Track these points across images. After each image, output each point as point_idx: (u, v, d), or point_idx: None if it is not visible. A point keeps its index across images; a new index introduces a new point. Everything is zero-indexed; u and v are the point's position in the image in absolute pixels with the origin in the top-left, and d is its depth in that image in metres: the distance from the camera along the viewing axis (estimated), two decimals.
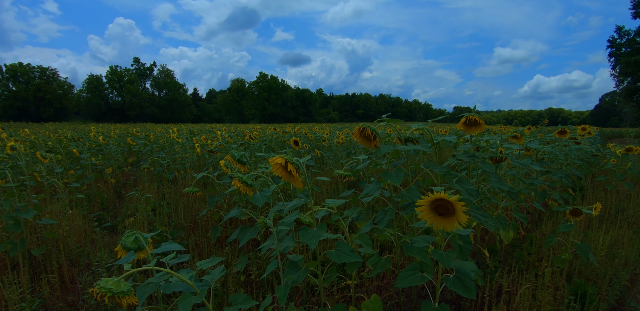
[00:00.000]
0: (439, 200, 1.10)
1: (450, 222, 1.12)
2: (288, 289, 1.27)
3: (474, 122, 2.10)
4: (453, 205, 1.08)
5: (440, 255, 1.26)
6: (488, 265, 2.42)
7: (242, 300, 1.25)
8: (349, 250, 1.35)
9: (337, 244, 1.40)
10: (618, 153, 4.98)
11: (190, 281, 1.24)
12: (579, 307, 1.79)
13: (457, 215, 1.10)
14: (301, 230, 1.34)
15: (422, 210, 1.15)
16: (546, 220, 3.27)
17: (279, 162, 1.27)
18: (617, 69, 28.15)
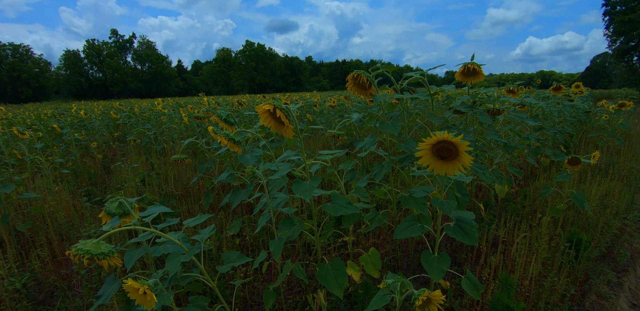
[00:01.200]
0: (441, 142, 1.02)
1: (453, 165, 1.04)
2: (282, 243, 1.22)
3: (472, 71, 1.98)
4: (457, 147, 1.00)
5: (440, 203, 1.21)
6: (483, 219, 2.43)
7: (235, 258, 1.20)
8: (346, 202, 1.29)
9: (333, 197, 1.34)
10: (610, 109, 4.95)
11: (178, 241, 1.17)
12: (574, 254, 1.81)
13: (460, 157, 1.02)
14: (294, 183, 1.26)
15: (423, 154, 1.07)
16: (539, 176, 3.28)
17: (267, 109, 1.15)
18: (610, 29, 27.47)
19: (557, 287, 1.58)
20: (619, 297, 2.02)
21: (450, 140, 0.99)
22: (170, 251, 1.27)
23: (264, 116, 1.22)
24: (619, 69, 44.62)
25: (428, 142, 1.02)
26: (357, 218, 1.42)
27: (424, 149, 1.06)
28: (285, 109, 1.16)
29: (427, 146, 1.04)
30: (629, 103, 4.58)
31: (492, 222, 2.36)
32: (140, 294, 0.90)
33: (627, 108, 4.59)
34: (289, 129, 1.19)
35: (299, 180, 1.27)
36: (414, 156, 1.47)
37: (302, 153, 1.32)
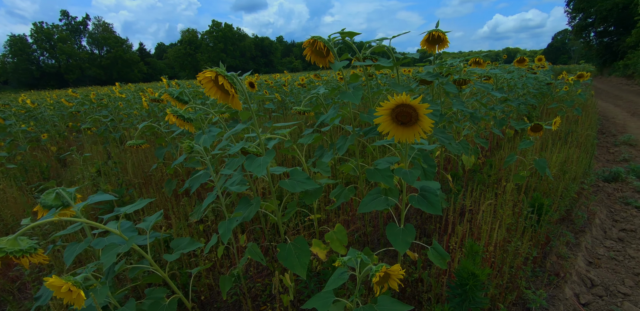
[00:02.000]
0: (400, 105, 0.94)
1: (414, 130, 0.97)
2: (232, 224, 1.13)
3: (437, 38, 1.90)
4: (416, 110, 0.92)
5: (403, 173, 1.15)
6: (451, 190, 2.45)
7: (186, 244, 1.11)
8: (305, 178, 1.20)
9: (291, 172, 1.25)
10: (570, 81, 5.11)
11: (117, 230, 1.05)
12: (536, 218, 1.86)
13: (420, 121, 0.95)
14: (247, 159, 1.15)
15: (382, 120, 0.99)
16: (504, 146, 3.36)
17: (209, 76, 1.02)
18: (570, 5, 28.30)
19: (520, 251, 1.61)
20: (577, 256, 2.12)
21: (409, 103, 0.91)
22: (115, 242, 1.14)
23: (208, 86, 1.09)
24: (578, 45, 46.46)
25: (386, 106, 0.94)
26: (319, 194, 1.34)
27: (382, 114, 0.97)
28: (228, 76, 1.03)
29: (385, 111, 0.96)
30: (586, 74, 4.74)
31: (459, 192, 2.38)
32: (66, 292, 0.79)
33: (584, 79, 4.75)
34: (236, 100, 1.06)
35: (252, 156, 1.17)
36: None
37: (255, 127, 1.21)
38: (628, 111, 8.10)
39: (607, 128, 6.21)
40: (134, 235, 1.15)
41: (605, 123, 6.69)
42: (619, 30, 23.66)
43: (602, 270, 2.09)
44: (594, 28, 26.25)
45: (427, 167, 1.66)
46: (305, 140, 1.50)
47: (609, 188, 3.28)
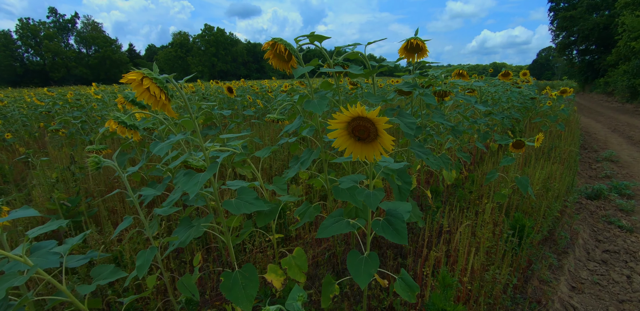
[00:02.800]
0: (356, 118, 0.79)
1: (374, 147, 0.83)
2: (153, 254, 0.95)
3: (416, 47, 1.79)
4: (374, 124, 0.78)
5: (366, 194, 1.00)
6: (430, 207, 2.32)
7: (108, 273, 0.92)
8: (253, 198, 1.04)
9: (239, 191, 1.09)
10: (553, 96, 5.13)
11: (18, 256, 0.86)
12: (517, 241, 1.73)
13: (380, 138, 0.80)
14: (184, 176, 0.99)
15: (338, 135, 0.84)
16: (487, 161, 3.27)
17: (133, 78, 0.85)
18: (554, 24, 29.33)
19: (499, 279, 1.48)
20: (560, 281, 2.00)
21: (366, 116, 0.77)
22: (19, 269, 0.95)
23: (139, 90, 0.92)
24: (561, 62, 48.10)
25: (340, 119, 0.80)
26: (274, 215, 1.18)
27: (337, 128, 0.83)
28: (158, 80, 0.87)
29: (340, 124, 0.81)
30: (569, 90, 4.77)
31: (438, 210, 2.25)
32: None
33: (567, 94, 4.77)
34: (167, 106, 0.90)
35: (191, 172, 1.00)
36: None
37: (197, 136, 1.05)
38: (609, 127, 8.25)
39: (589, 143, 6.26)
40: (45, 260, 0.97)
41: (587, 139, 6.76)
42: (599, 49, 24.57)
43: (586, 296, 1.97)
44: (576, 46, 27.19)
45: (401, 183, 1.52)
46: (262, 154, 1.34)
47: (591, 206, 3.21)
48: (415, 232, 2.13)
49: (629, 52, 13.46)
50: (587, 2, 24.51)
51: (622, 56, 14.42)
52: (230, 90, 3.73)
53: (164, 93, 0.88)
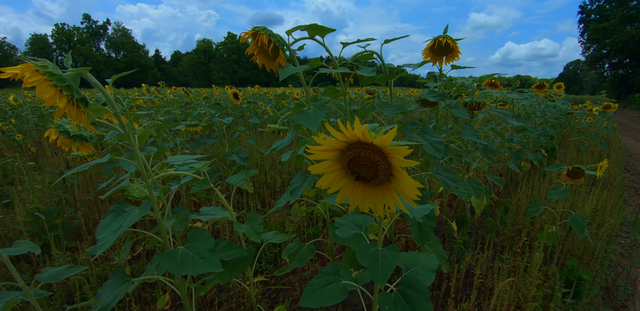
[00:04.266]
0: (355, 145, 0.45)
1: (384, 193, 0.48)
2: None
3: (445, 47, 1.45)
4: (386, 157, 0.44)
5: (371, 256, 0.65)
6: (455, 240, 1.93)
7: None
8: (207, 249, 0.71)
9: (190, 236, 0.76)
10: (594, 111, 4.62)
11: None
12: (572, 300, 1.32)
13: (397, 179, 0.46)
14: (112, 213, 0.67)
15: (325, 169, 0.50)
16: (521, 184, 2.83)
17: (15, 73, 0.55)
18: (585, 36, 28.27)
19: None
20: None
21: (370, 143, 0.43)
22: None
23: (48, 94, 0.62)
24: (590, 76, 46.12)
25: (327, 145, 0.46)
26: (244, 265, 0.85)
27: (325, 159, 0.49)
28: (53, 75, 0.56)
29: (327, 153, 0.47)
30: (614, 105, 4.26)
31: (465, 246, 1.86)
32: None
33: (612, 110, 4.27)
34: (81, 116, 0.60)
35: (119, 209, 0.68)
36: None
37: (137, 158, 0.73)
38: None
39: (632, 165, 5.64)
40: None
41: (629, 160, 6.12)
42: (634, 63, 23.32)
43: None
44: (608, 59, 25.97)
45: (423, 220, 1.17)
46: (235, 180, 1.00)
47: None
48: (437, 277, 1.74)
49: None
50: (620, 14, 23.45)
51: None
52: (236, 95, 3.48)
53: (66, 97, 0.58)
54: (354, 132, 0.41)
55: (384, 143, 0.41)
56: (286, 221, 2.28)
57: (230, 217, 0.96)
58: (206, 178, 0.85)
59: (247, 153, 2.95)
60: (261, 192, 3.17)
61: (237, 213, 1.12)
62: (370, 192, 0.50)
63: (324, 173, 0.51)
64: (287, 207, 2.84)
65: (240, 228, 0.88)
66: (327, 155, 0.47)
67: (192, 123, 2.76)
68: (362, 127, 0.40)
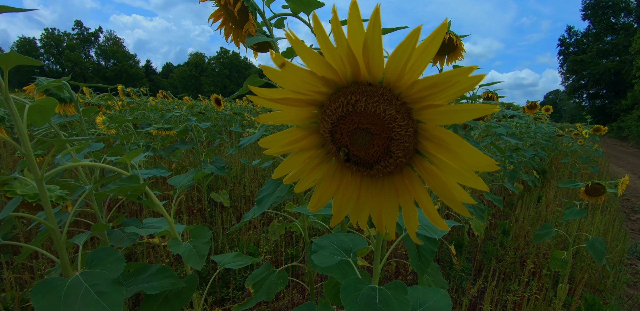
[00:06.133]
0: (347, 88, 0.21)
1: (398, 191, 0.25)
2: None
3: (448, 43, 1.28)
4: (411, 110, 0.20)
5: (364, 300, 0.41)
6: (452, 266, 1.69)
7: None
8: (110, 280, 0.45)
9: (89, 257, 0.50)
10: (584, 134, 4.59)
11: None
12: None
13: (432, 159, 0.22)
14: None
15: (293, 144, 0.26)
16: (518, 205, 2.65)
17: None
18: (564, 67, 29.73)
19: None
20: None
21: (379, 80, 0.19)
22: None
23: None
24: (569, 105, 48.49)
25: (292, 86, 0.22)
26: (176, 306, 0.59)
27: (287, 123, 0.25)
28: None
29: (293, 109, 0.24)
30: (603, 128, 4.24)
31: (466, 272, 1.61)
32: None
33: (601, 133, 4.24)
34: None
35: None
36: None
37: (23, 141, 0.48)
38: (633, 173, 7.60)
39: None
40: None
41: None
42: (610, 94, 24.49)
43: None
44: (586, 90, 27.22)
45: (424, 243, 0.93)
46: (179, 181, 0.75)
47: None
48: None
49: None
50: (596, 48, 24.87)
51: (637, 100, 14.10)
52: (218, 101, 3.26)
53: None
54: (347, 46, 0.18)
55: (410, 76, 0.18)
56: (261, 239, 2.00)
57: (171, 231, 0.70)
58: (135, 175, 0.60)
59: (224, 163, 2.68)
60: (238, 205, 2.88)
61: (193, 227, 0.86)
62: (374, 188, 0.27)
63: (288, 152, 0.27)
64: (265, 223, 2.56)
65: (176, 248, 0.62)
66: (290, 114, 0.24)
67: (165, 127, 2.49)
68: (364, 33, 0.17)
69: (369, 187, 0.26)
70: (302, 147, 0.27)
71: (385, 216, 0.26)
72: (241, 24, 0.74)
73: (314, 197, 0.29)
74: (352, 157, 0.24)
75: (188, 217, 2.47)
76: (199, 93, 67.56)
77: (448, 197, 0.22)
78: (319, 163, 0.28)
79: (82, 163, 0.63)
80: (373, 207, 0.27)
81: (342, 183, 0.28)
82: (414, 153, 0.23)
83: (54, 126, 1.03)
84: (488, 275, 1.53)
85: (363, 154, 0.24)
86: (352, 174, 0.27)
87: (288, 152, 0.28)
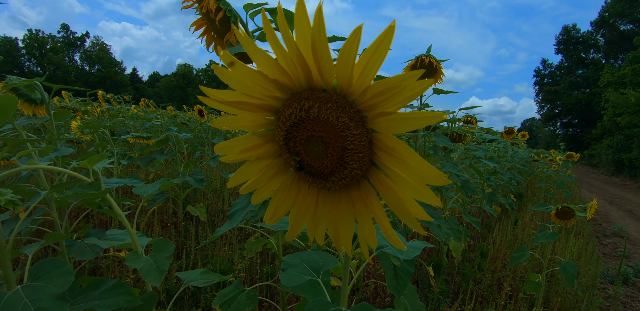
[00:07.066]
0: (301, 93, 0.20)
1: (355, 204, 0.23)
2: None
3: (428, 66, 1.33)
4: (365, 118, 0.19)
5: None
6: (430, 288, 1.66)
7: None
8: (54, 295, 0.41)
9: (33, 270, 0.46)
10: (558, 160, 4.78)
11: None
12: None
13: (386, 171, 0.21)
14: None
15: (249, 152, 0.25)
16: (495, 228, 2.68)
17: None
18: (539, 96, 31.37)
19: None
20: None
21: (332, 86, 0.18)
22: None
23: None
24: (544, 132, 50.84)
25: (244, 88, 0.21)
26: None
27: (243, 128, 0.24)
28: None
29: (248, 114, 0.22)
30: (576, 155, 4.43)
31: (444, 294, 1.59)
32: None
33: (574, 159, 4.42)
34: None
35: None
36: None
37: None
38: (604, 199, 7.91)
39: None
40: None
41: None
42: (582, 123, 25.87)
43: None
44: (560, 119, 28.68)
45: (400, 263, 0.91)
46: (145, 190, 0.70)
47: (621, 295, 2.56)
48: None
49: (613, 127, 13.92)
50: (569, 80, 26.49)
51: (606, 130, 14.92)
52: (201, 113, 3.23)
53: None
54: (297, 48, 0.17)
55: (362, 81, 0.17)
56: (236, 256, 1.93)
57: (132, 243, 0.66)
58: (95, 182, 0.57)
59: (203, 175, 2.61)
60: (216, 220, 2.79)
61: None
62: (331, 202, 0.25)
63: (245, 160, 0.25)
64: (242, 239, 2.48)
65: (135, 262, 0.57)
66: (245, 119, 0.23)
67: (144, 135, 2.43)
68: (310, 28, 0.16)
69: (326, 200, 0.25)
70: (259, 155, 0.25)
71: (342, 231, 0.25)
72: (223, 34, 0.73)
73: (270, 209, 0.27)
74: (307, 166, 0.23)
75: (161, 230, 2.37)
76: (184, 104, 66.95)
77: (403, 212, 0.21)
78: (276, 174, 0.26)
79: (38, 166, 0.59)
80: (330, 222, 0.25)
81: (299, 195, 0.26)
82: (370, 165, 0.22)
83: (17, 127, 0.97)
84: (465, 297, 1.51)
85: (317, 164, 0.22)
86: (309, 186, 0.26)
87: (245, 160, 0.26)
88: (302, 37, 0.17)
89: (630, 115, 11.89)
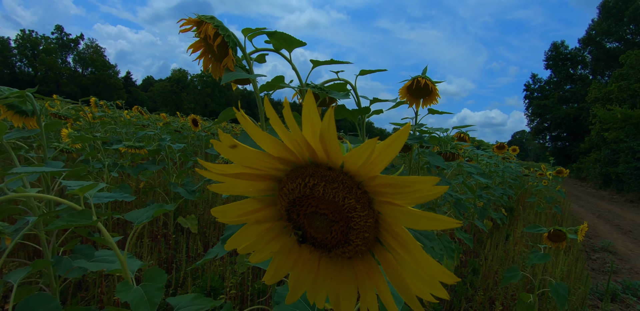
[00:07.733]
0: (305, 168, 0.20)
1: (358, 275, 0.23)
2: None
3: (423, 88, 1.35)
4: (372, 200, 0.19)
5: None
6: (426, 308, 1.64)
7: None
8: None
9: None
10: (548, 175, 4.85)
11: None
12: None
13: (391, 251, 0.21)
14: None
15: (248, 216, 0.24)
16: (487, 244, 2.69)
17: None
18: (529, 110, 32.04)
19: None
20: None
21: (339, 166, 0.18)
22: None
23: None
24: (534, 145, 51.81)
25: (245, 164, 0.20)
26: None
27: (244, 194, 0.23)
28: None
29: (248, 183, 0.22)
30: (565, 171, 4.50)
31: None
32: None
33: (563, 175, 4.50)
34: None
35: None
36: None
37: None
38: (593, 213, 8.02)
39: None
40: None
41: (576, 224, 6.39)
42: (570, 137, 26.43)
43: None
44: (549, 132, 29.26)
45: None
46: (137, 216, 0.69)
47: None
48: None
49: (600, 142, 14.24)
50: (558, 95, 27.15)
51: (594, 144, 15.24)
52: (195, 122, 3.21)
53: None
54: (302, 134, 0.17)
55: (370, 170, 0.17)
56: (227, 271, 1.89)
57: (122, 272, 0.64)
58: (87, 210, 0.55)
59: (195, 186, 2.58)
60: (207, 232, 2.74)
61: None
62: (332, 269, 0.25)
63: (243, 223, 0.25)
64: (233, 252, 2.44)
65: (125, 294, 0.56)
66: (245, 186, 0.22)
67: (136, 145, 2.40)
68: (320, 122, 0.16)
69: (328, 267, 0.24)
70: (258, 218, 0.25)
71: (343, 300, 0.24)
72: (220, 58, 0.73)
73: (269, 270, 0.26)
74: (309, 238, 0.23)
75: (151, 241, 2.32)
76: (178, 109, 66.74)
77: (405, 292, 0.20)
78: (276, 236, 0.26)
79: (27, 194, 0.57)
80: (331, 288, 0.25)
81: (299, 259, 0.25)
82: (375, 242, 0.21)
83: (4, 143, 0.94)
84: None
85: (321, 237, 0.22)
86: (310, 251, 0.25)
87: (243, 223, 0.25)
88: (311, 128, 0.17)
89: (617, 130, 12.20)
